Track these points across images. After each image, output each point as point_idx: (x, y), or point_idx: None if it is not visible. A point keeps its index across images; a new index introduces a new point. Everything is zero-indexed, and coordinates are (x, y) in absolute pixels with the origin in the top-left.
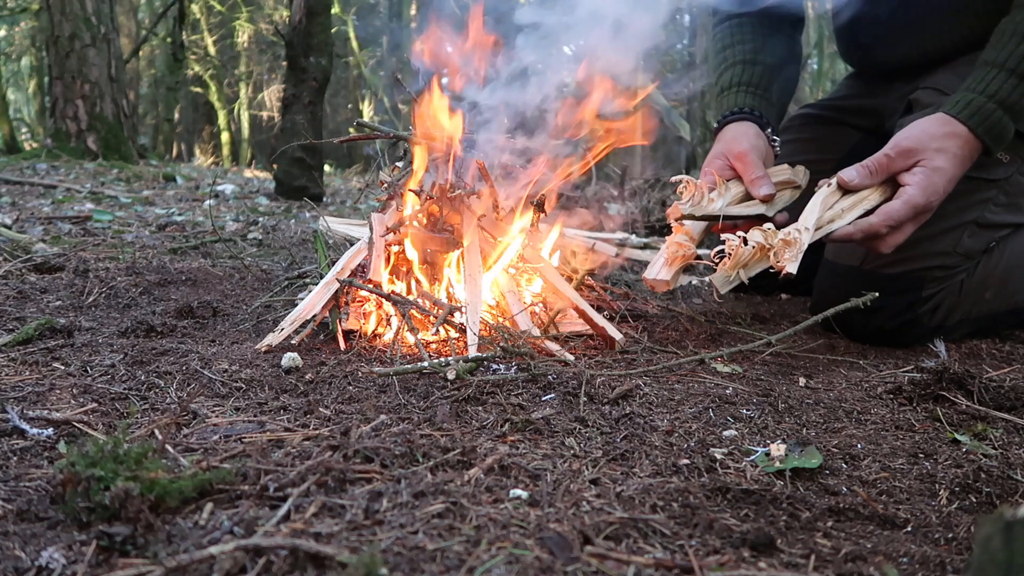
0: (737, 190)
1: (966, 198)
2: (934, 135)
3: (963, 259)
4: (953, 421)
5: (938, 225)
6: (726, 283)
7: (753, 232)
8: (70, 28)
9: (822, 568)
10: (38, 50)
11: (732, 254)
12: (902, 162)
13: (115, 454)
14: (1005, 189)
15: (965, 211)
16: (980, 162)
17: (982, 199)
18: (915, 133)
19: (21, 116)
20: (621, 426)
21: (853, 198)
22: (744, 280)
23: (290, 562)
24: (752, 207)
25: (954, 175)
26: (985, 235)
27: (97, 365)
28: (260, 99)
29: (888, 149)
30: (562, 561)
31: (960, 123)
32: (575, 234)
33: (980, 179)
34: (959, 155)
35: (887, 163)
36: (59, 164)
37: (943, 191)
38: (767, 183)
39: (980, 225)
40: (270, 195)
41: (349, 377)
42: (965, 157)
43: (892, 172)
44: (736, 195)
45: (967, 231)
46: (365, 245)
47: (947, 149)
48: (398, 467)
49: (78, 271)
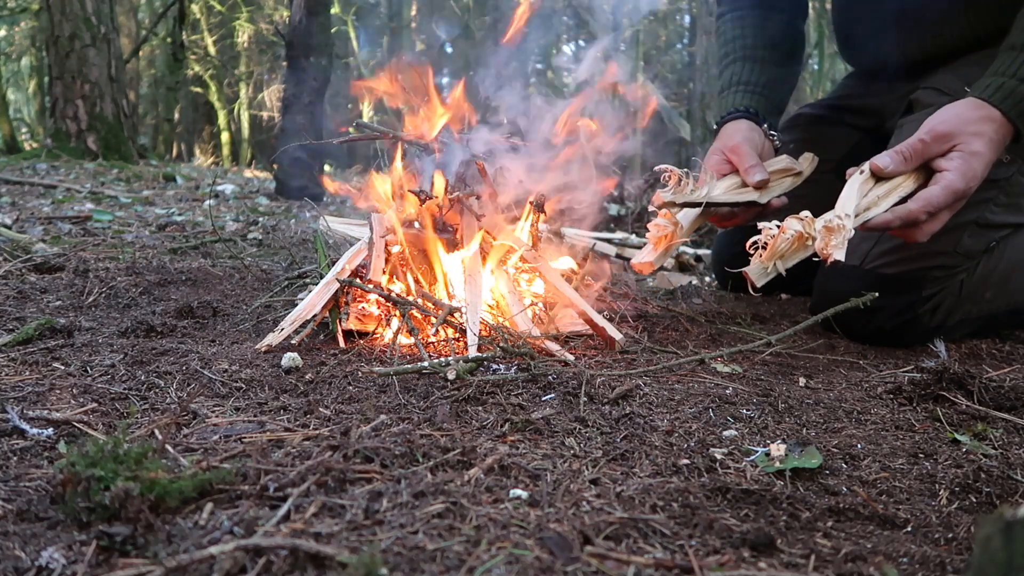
0: (732, 181)
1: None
2: (970, 119)
3: (963, 259)
4: (953, 421)
5: None
6: (763, 275)
7: (790, 220)
8: (70, 28)
9: (822, 568)
10: (38, 50)
11: (769, 244)
12: (937, 147)
13: (115, 454)
14: (1006, 189)
15: (965, 211)
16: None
17: (983, 199)
18: (949, 117)
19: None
20: (621, 426)
21: (887, 185)
22: (782, 272)
23: (290, 562)
24: (743, 194)
25: (990, 159)
26: (985, 235)
27: (97, 365)
28: (260, 99)
29: (922, 134)
30: (562, 561)
31: (993, 107)
32: (575, 234)
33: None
34: (995, 139)
35: (922, 148)
36: (59, 164)
37: (980, 176)
38: (760, 170)
39: (980, 225)
40: (270, 195)
41: (349, 377)
42: (999, 141)
43: (927, 157)
44: (730, 186)
45: (967, 231)
46: (365, 245)
47: (983, 133)
48: (398, 467)
49: (78, 271)
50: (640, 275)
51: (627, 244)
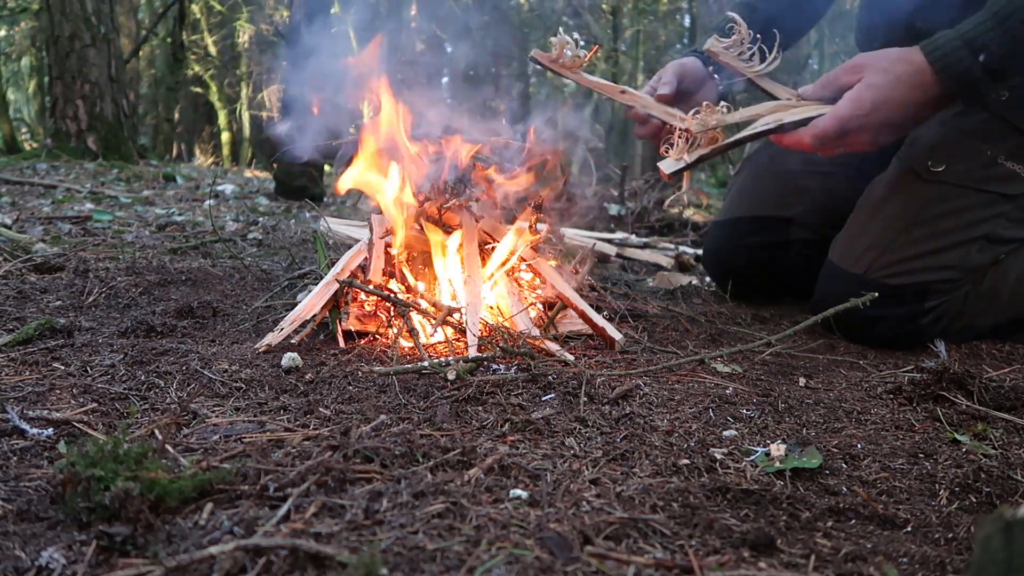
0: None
1: (978, 211)
2: (888, 57)
3: (969, 273)
4: (953, 421)
5: (946, 239)
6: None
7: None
8: (70, 28)
9: (822, 568)
10: (38, 50)
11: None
12: (847, 77)
13: (115, 454)
14: (1019, 203)
15: (977, 225)
16: (997, 174)
17: (995, 214)
18: (873, 53)
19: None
20: (621, 426)
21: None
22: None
23: (290, 562)
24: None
25: (890, 96)
26: (994, 250)
27: (97, 365)
28: (260, 99)
29: (841, 66)
30: (562, 561)
31: (924, 55)
32: (575, 234)
33: (996, 194)
34: (903, 80)
35: (835, 76)
36: (59, 164)
37: (873, 108)
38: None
39: (990, 240)
40: (270, 195)
41: (349, 377)
42: (913, 85)
43: (839, 86)
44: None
45: (976, 246)
46: (365, 246)
47: (891, 70)
48: (398, 467)
49: (78, 271)
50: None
51: (627, 244)
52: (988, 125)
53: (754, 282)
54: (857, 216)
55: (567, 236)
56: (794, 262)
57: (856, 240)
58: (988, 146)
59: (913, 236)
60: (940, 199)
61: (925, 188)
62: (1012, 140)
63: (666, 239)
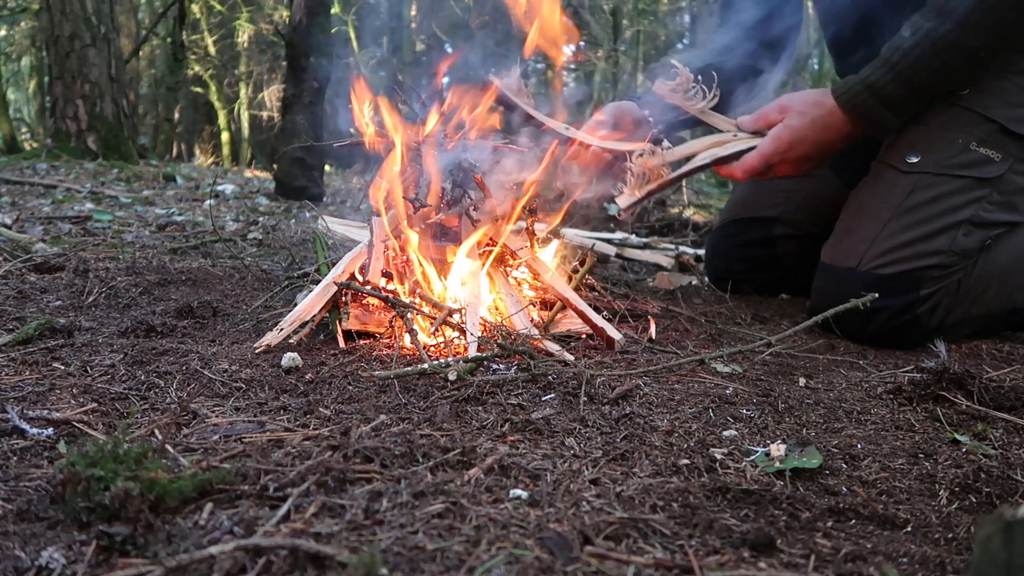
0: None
1: (958, 196)
2: (806, 100)
3: (960, 258)
4: (953, 421)
5: (931, 224)
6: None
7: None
8: (70, 28)
9: (822, 568)
10: (38, 50)
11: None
12: (774, 116)
13: (115, 454)
14: (999, 187)
15: (958, 210)
16: (971, 160)
17: (974, 198)
18: (797, 95)
19: (21, 116)
20: (621, 426)
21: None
22: (640, 196)
23: (290, 562)
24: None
25: (805, 136)
26: (980, 233)
27: (97, 365)
28: (260, 99)
29: (773, 103)
30: (562, 561)
31: (831, 97)
32: (575, 234)
33: (971, 178)
34: (817, 122)
35: (766, 113)
36: (59, 164)
37: (790, 147)
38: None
39: (975, 224)
40: (270, 195)
41: (349, 377)
42: (825, 126)
43: (768, 122)
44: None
45: (961, 230)
46: (365, 248)
47: (808, 113)
48: (398, 467)
49: (78, 271)
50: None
51: (627, 244)
52: (957, 117)
53: (750, 281)
54: (844, 217)
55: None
56: (783, 259)
57: (845, 238)
58: (959, 135)
59: (900, 224)
60: (921, 187)
61: (905, 179)
62: (981, 128)
63: (666, 239)
